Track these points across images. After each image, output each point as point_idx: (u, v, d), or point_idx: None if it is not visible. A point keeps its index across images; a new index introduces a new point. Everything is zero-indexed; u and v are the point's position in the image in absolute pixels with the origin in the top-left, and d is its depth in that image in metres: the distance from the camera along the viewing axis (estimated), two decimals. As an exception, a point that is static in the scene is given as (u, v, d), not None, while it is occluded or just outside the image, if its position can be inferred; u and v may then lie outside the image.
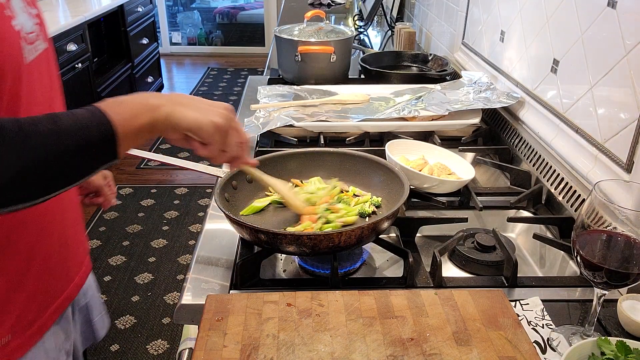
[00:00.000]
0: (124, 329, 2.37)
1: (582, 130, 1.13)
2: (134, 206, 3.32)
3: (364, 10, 3.46)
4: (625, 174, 0.97)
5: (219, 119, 0.79)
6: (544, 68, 1.30)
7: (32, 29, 0.84)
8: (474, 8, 1.83)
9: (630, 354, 0.70)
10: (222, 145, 0.82)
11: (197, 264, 0.98)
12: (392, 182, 1.07)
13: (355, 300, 0.84)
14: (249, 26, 7.03)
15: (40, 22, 0.88)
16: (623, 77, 0.99)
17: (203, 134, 0.79)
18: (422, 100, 1.56)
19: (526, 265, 1.12)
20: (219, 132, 0.80)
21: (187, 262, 2.83)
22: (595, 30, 1.08)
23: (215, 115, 0.79)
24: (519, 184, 1.28)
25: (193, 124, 0.78)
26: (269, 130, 1.41)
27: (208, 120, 0.78)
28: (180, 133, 0.78)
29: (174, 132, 0.78)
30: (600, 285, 0.75)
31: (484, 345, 0.76)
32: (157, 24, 5.37)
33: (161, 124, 0.76)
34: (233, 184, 1.08)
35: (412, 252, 0.96)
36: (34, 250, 0.89)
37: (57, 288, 0.97)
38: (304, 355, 0.74)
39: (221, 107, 0.81)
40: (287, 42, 1.85)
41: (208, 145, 0.81)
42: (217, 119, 0.79)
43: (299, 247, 0.89)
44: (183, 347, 0.90)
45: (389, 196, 1.07)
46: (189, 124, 0.77)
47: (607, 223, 0.73)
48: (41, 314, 0.92)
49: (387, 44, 2.76)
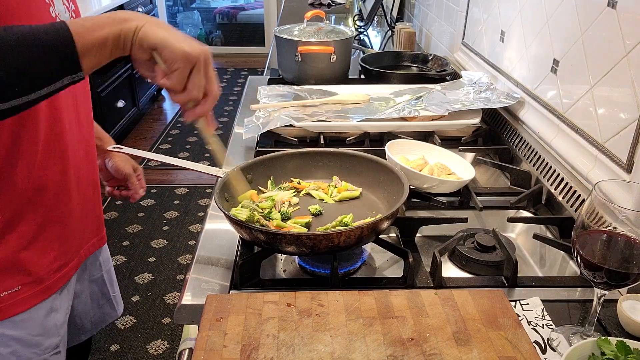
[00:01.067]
0: (124, 329, 2.37)
1: (582, 130, 1.13)
2: (134, 206, 3.32)
3: (364, 10, 3.46)
4: (625, 174, 0.97)
5: (191, 49, 0.75)
6: (544, 68, 1.30)
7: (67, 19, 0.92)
8: (474, 8, 1.83)
9: (630, 354, 0.70)
10: (183, 78, 0.77)
11: (197, 264, 0.98)
12: (392, 183, 1.07)
13: (355, 300, 0.84)
14: (249, 26, 7.03)
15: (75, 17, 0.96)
16: (623, 77, 0.99)
17: (168, 54, 0.75)
18: (422, 100, 1.56)
19: (526, 265, 1.12)
20: (184, 60, 0.75)
21: (187, 262, 2.83)
22: (595, 30, 1.08)
23: (189, 45, 0.75)
24: (519, 184, 1.28)
25: (160, 41, 0.74)
26: (269, 130, 1.41)
27: (178, 44, 0.74)
28: (146, 51, 0.75)
29: (140, 48, 0.75)
30: (600, 285, 0.75)
31: (484, 345, 0.76)
32: (157, 24, 5.36)
33: (127, 37, 0.74)
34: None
35: (412, 252, 0.95)
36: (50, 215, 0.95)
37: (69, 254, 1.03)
38: (304, 355, 0.74)
39: (199, 44, 0.77)
40: (287, 42, 1.85)
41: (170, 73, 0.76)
42: (188, 47, 0.75)
43: (298, 247, 0.89)
44: (183, 347, 0.90)
45: (389, 196, 1.07)
46: (156, 40, 0.74)
47: (607, 223, 0.73)
48: (50, 276, 0.98)
49: (387, 44, 2.76)
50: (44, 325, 0.98)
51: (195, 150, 4.11)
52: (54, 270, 0.99)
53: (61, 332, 1.04)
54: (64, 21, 0.72)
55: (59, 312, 1.02)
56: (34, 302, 0.96)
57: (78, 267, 1.09)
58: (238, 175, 1.05)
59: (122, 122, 4.17)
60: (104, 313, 1.26)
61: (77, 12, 0.99)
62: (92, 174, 1.09)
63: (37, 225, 0.94)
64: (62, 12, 0.92)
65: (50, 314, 1.00)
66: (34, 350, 0.97)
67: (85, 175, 1.05)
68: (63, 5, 0.93)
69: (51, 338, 1.00)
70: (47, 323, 0.99)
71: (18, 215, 0.91)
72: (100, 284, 1.23)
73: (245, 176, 1.10)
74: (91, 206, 1.11)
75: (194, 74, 0.77)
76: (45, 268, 0.97)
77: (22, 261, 0.93)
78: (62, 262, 1.01)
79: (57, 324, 1.01)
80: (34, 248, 0.94)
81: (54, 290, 1.00)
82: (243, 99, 1.82)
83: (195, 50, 0.76)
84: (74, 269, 1.06)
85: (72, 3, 0.97)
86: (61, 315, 1.03)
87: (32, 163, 0.90)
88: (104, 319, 1.27)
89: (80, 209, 1.04)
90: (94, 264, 1.20)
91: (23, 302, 0.94)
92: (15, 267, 0.92)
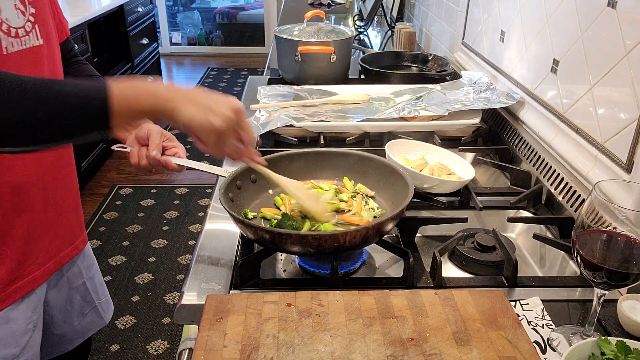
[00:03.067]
0: (124, 329, 2.37)
1: (582, 130, 1.13)
2: (134, 206, 3.32)
3: (364, 10, 3.46)
4: (625, 174, 0.97)
5: (219, 121, 0.80)
6: (544, 68, 1.30)
7: (21, 25, 0.91)
8: (474, 8, 1.83)
9: (630, 354, 0.70)
10: (217, 145, 0.84)
11: (197, 264, 0.98)
12: (397, 183, 1.07)
13: (355, 300, 0.84)
14: (249, 26, 7.03)
15: (36, 21, 0.94)
16: (623, 77, 0.99)
17: (199, 133, 0.81)
18: (422, 100, 1.56)
19: (526, 265, 1.12)
20: (214, 134, 0.81)
21: (187, 262, 2.83)
22: (595, 30, 1.08)
23: (217, 116, 0.80)
24: (519, 184, 1.28)
25: (192, 123, 0.80)
26: (269, 130, 1.41)
27: (207, 121, 0.80)
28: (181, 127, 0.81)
29: (174, 124, 0.80)
30: (600, 285, 0.75)
31: (484, 345, 0.76)
32: (157, 24, 5.37)
33: (162, 114, 0.79)
34: (237, 183, 1.07)
35: (412, 252, 0.95)
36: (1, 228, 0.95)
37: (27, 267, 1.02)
38: (304, 355, 0.74)
39: (228, 107, 0.82)
40: (287, 42, 1.85)
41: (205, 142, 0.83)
42: (216, 120, 0.80)
43: (303, 247, 0.89)
44: (183, 347, 0.90)
45: (393, 198, 1.07)
46: (188, 122, 0.80)
47: (607, 223, 0.73)
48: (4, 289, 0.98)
49: (387, 44, 2.76)
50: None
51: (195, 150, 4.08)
52: (6, 283, 0.98)
53: (21, 342, 1.02)
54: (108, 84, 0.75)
55: (17, 322, 1.01)
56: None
57: (46, 278, 1.07)
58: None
59: (122, 122, 4.17)
60: (90, 321, 1.24)
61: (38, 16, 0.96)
62: (66, 182, 1.08)
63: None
64: (13, 17, 0.90)
65: (5, 324, 0.98)
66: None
67: (49, 185, 1.03)
68: (16, 10, 0.91)
69: (7, 348, 0.99)
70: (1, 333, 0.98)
71: None
72: (82, 291, 1.21)
73: (250, 176, 1.09)
74: (64, 216, 1.09)
75: (224, 138, 0.83)
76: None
77: None
78: (16, 275, 1.00)
79: (14, 333, 1.00)
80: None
81: (9, 303, 0.99)
82: (243, 99, 1.82)
83: (223, 121, 0.80)
84: (38, 279, 1.05)
85: (30, 6, 0.94)
86: (20, 325, 1.01)
87: None
88: (90, 327, 1.25)
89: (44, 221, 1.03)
90: (74, 271, 1.18)
91: None
92: None
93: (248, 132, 0.87)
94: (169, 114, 0.79)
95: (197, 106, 0.80)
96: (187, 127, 0.80)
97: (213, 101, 0.82)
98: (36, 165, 0.99)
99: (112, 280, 2.65)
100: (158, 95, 0.78)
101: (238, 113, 0.83)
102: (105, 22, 4.05)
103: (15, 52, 0.90)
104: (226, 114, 0.81)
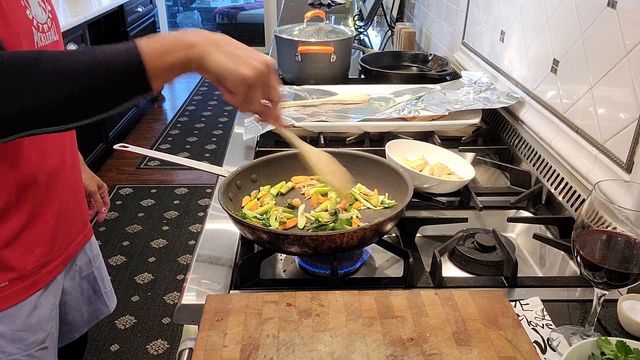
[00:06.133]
0: (124, 329, 2.37)
1: (582, 130, 1.13)
2: (134, 206, 3.32)
3: (364, 10, 3.46)
4: (625, 174, 0.97)
5: (249, 71, 0.77)
6: (544, 68, 1.30)
7: (45, 21, 0.96)
8: (474, 8, 1.83)
9: (630, 354, 0.70)
10: (245, 98, 0.81)
11: (197, 264, 0.98)
12: (396, 183, 1.07)
13: (355, 300, 0.84)
14: (249, 26, 7.04)
15: (53, 17, 1.00)
16: (623, 77, 0.99)
17: (228, 83, 0.78)
18: (422, 100, 1.56)
19: (526, 265, 1.12)
20: (244, 85, 0.78)
21: (187, 262, 2.83)
22: (595, 30, 1.08)
23: (247, 67, 0.77)
24: (519, 184, 1.28)
25: (221, 70, 0.77)
26: (269, 130, 1.41)
27: (236, 70, 0.77)
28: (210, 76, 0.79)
29: (205, 73, 0.78)
30: (600, 285, 0.75)
31: (484, 345, 0.76)
32: (157, 24, 5.37)
33: (194, 63, 0.76)
34: (237, 183, 1.07)
35: (412, 252, 0.95)
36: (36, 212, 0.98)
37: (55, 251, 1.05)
38: (304, 355, 0.74)
39: (259, 59, 0.79)
40: (287, 42, 1.85)
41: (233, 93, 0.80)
42: (246, 71, 0.77)
43: (301, 248, 0.89)
44: (183, 347, 0.90)
45: (392, 197, 1.08)
46: (217, 70, 0.77)
47: (607, 223, 0.73)
48: (37, 272, 1.01)
49: (387, 44, 2.76)
50: (28, 321, 1.00)
51: (195, 150, 4.12)
52: (40, 266, 1.01)
53: (47, 328, 1.05)
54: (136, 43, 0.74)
55: (44, 308, 1.04)
56: (20, 299, 0.98)
57: (66, 264, 1.11)
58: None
59: (122, 121, 4.17)
60: (96, 309, 1.28)
61: (53, 12, 1.01)
62: (75, 172, 1.11)
63: (23, 222, 0.96)
64: (39, 14, 0.94)
65: (34, 310, 1.01)
66: (18, 345, 0.99)
67: (69, 173, 1.06)
68: (39, 7, 0.95)
69: (36, 334, 1.02)
70: (31, 319, 1.01)
71: (3, 213, 0.93)
72: (91, 280, 1.24)
73: (250, 176, 1.09)
74: (77, 203, 1.13)
75: (254, 91, 0.80)
76: (31, 264, 0.99)
77: (7, 257, 0.95)
78: (48, 259, 1.03)
79: (41, 320, 1.03)
80: (19, 244, 0.96)
81: (40, 287, 1.02)
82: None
83: (254, 71, 0.77)
84: (61, 265, 1.08)
85: (47, 4, 0.99)
86: (46, 311, 1.04)
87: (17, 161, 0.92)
88: (96, 315, 1.28)
89: (66, 206, 1.06)
90: (84, 260, 1.21)
91: (9, 298, 0.96)
92: (1, 263, 0.94)
93: (277, 91, 0.84)
94: (199, 63, 0.76)
95: (227, 54, 0.77)
96: (217, 75, 0.77)
97: (244, 51, 0.79)
98: (62, 152, 1.03)
99: (112, 280, 2.62)
100: (186, 44, 0.76)
101: (269, 66, 0.80)
102: (105, 22, 4.05)
103: (44, 47, 0.95)
104: (257, 66, 0.78)
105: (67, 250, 1.10)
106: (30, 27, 0.91)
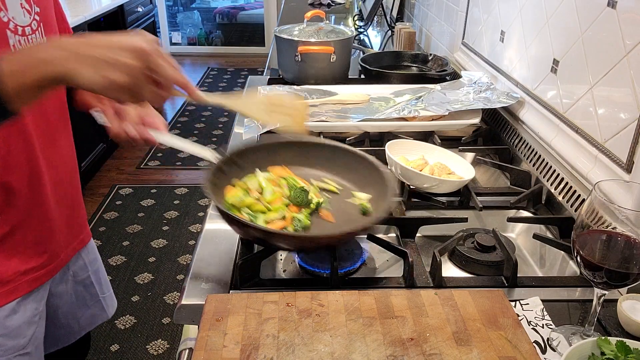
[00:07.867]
0: (124, 329, 2.37)
1: (582, 130, 1.13)
2: (134, 206, 3.32)
3: (364, 10, 3.46)
4: (625, 174, 0.97)
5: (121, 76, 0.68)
6: (544, 68, 1.30)
7: (28, 23, 0.92)
8: (474, 8, 1.83)
9: (630, 354, 0.70)
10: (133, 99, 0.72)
11: (197, 264, 0.98)
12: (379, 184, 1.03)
13: (355, 300, 0.84)
14: (249, 26, 7.03)
15: (43, 19, 0.96)
16: (623, 77, 0.99)
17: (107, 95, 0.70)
18: (422, 100, 1.56)
19: (526, 265, 1.12)
20: (121, 91, 0.69)
21: (187, 262, 2.83)
22: (595, 30, 1.08)
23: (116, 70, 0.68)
24: (519, 184, 1.28)
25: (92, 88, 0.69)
26: (268, 130, 1.41)
27: (107, 80, 0.68)
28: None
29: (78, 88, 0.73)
30: (600, 285, 0.75)
31: (484, 345, 0.76)
32: (157, 24, 5.38)
33: (59, 81, 0.69)
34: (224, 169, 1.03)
35: (412, 252, 0.95)
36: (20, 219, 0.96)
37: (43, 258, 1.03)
38: (304, 355, 0.74)
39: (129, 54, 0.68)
40: (287, 42, 1.85)
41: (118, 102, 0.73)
42: (118, 77, 0.68)
43: (285, 243, 0.91)
44: (183, 347, 0.90)
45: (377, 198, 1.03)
46: (88, 88, 0.69)
47: (607, 223, 0.73)
48: (17, 279, 0.98)
49: (387, 44, 2.75)
50: (6, 326, 0.98)
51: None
52: (21, 273, 0.99)
53: (28, 334, 1.03)
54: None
55: (24, 313, 1.01)
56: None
57: (55, 272, 1.08)
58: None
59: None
60: (93, 314, 1.25)
61: (44, 14, 0.96)
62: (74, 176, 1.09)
63: (5, 230, 0.94)
64: (19, 16, 0.90)
65: (12, 315, 0.99)
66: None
67: (62, 179, 1.04)
68: (22, 9, 0.90)
69: (15, 339, 1.00)
70: (8, 324, 0.99)
71: None
72: (87, 285, 1.22)
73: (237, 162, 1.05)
74: (71, 210, 1.10)
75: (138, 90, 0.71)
76: (10, 270, 0.97)
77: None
78: (31, 266, 1.01)
79: (21, 325, 1.01)
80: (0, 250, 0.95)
81: (21, 294, 1.00)
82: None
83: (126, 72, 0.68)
84: (48, 274, 1.06)
85: (36, 6, 0.94)
86: (27, 316, 1.02)
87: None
88: (94, 320, 1.26)
89: (58, 213, 1.04)
90: (79, 264, 1.19)
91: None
92: None
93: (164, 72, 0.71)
94: (67, 81, 0.68)
95: (91, 65, 0.67)
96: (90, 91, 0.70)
97: (110, 50, 0.68)
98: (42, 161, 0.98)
99: (112, 280, 2.65)
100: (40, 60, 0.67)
101: (143, 55, 0.69)
102: (105, 22, 4.05)
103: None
104: (128, 64, 0.68)
105: (59, 257, 1.07)
106: (4, 30, 0.87)
